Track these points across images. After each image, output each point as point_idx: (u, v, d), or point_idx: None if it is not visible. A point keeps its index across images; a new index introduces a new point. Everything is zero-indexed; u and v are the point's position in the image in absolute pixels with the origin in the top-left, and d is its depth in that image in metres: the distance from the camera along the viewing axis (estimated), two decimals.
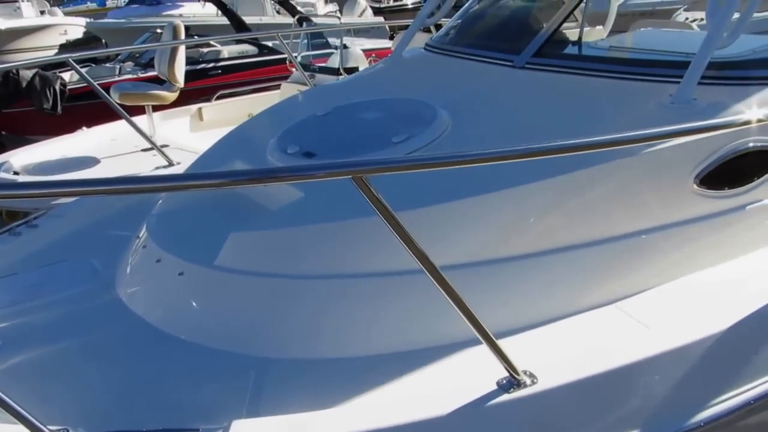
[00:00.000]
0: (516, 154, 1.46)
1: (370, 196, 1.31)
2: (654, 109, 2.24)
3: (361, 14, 14.63)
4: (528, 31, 2.96)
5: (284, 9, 10.84)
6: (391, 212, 1.34)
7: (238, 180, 1.34)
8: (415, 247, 1.39)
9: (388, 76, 3.26)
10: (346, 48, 6.33)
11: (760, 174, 2.25)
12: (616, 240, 2.03)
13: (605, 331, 1.86)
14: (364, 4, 15.62)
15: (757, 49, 2.67)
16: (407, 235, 1.37)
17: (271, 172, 1.48)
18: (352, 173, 1.27)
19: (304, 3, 15.54)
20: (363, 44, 8.11)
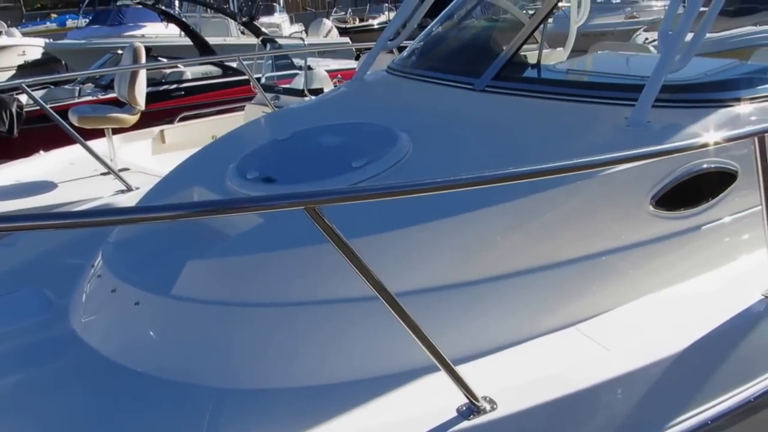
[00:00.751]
0: (469, 182, 1.46)
1: (323, 226, 1.31)
2: (610, 132, 2.27)
3: (326, 34, 14.71)
4: (488, 54, 2.99)
5: (248, 30, 10.84)
6: (344, 241, 1.34)
7: (188, 213, 1.32)
8: (370, 275, 1.38)
9: (350, 100, 3.26)
10: (311, 69, 6.33)
11: (714, 194, 2.29)
12: (575, 262, 2.04)
13: (565, 354, 1.86)
14: (330, 24, 15.72)
15: (709, 72, 2.74)
16: (361, 263, 1.36)
17: (220, 205, 1.47)
18: (304, 204, 1.26)
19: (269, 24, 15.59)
20: (328, 65, 8.13)
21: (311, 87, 6.09)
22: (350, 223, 1.88)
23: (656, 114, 2.30)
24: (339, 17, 22.99)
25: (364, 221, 1.90)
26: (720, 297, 2.06)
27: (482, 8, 3.84)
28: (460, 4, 3.70)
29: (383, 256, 1.86)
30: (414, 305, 1.78)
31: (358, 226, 1.89)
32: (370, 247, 1.88)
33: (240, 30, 11.87)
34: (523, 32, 3.02)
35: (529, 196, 1.99)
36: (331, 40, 13.68)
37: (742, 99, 2.47)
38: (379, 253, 1.86)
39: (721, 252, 2.29)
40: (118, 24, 13.73)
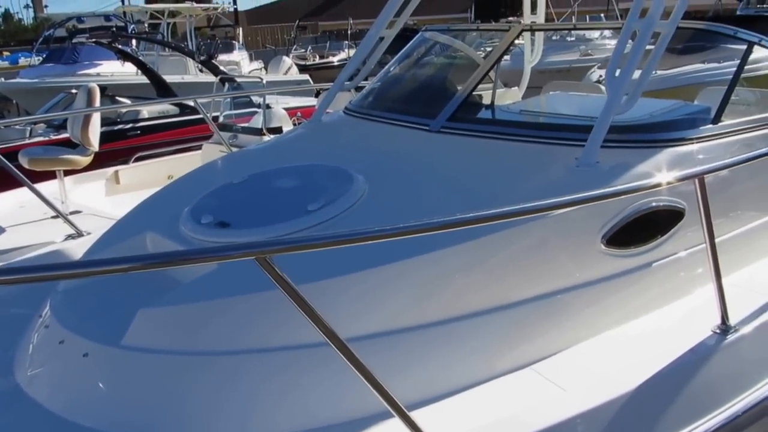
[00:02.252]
0: (418, 229, 1.47)
1: (274, 275, 1.31)
2: (560, 173, 2.32)
3: (286, 72, 14.78)
4: (444, 95, 3.04)
5: (207, 69, 10.82)
6: (295, 289, 1.33)
7: (133, 266, 1.29)
8: (321, 322, 1.37)
9: (306, 141, 3.27)
10: (269, 108, 6.33)
11: (663, 232, 2.35)
12: (529, 302, 2.06)
13: (522, 395, 1.86)
14: (290, 62, 15.81)
15: (655, 112, 2.83)
16: (312, 310, 1.36)
17: (168, 257, 1.44)
18: (254, 255, 1.26)
19: (228, 61, 15.60)
20: (288, 102, 8.14)
21: (270, 126, 6.08)
22: (304, 267, 1.88)
23: (605, 154, 2.36)
24: (299, 54, 23.13)
25: (318, 265, 1.89)
26: (672, 333, 2.10)
27: (439, 49, 3.91)
28: (416, 45, 3.77)
29: (337, 301, 1.85)
30: (369, 350, 1.76)
31: (312, 271, 1.88)
32: (324, 292, 1.87)
33: (198, 68, 11.84)
34: (477, 73, 3.08)
35: (482, 237, 2.00)
36: (291, 77, 13.76)
37: (686, 139, 2.55)
38: (332, 298, 1.85)
39: (672, 288, 2.34)
40: (72, 62, 13.51)
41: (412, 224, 1.45)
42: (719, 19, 12.78)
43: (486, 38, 4.38)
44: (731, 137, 2.69)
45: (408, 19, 3.67)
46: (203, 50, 11.85)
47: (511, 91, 4.54)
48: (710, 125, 2.68)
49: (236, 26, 23.64)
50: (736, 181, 2.64)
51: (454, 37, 3.80)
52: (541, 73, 8.00)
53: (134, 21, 18.23)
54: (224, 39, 21.19)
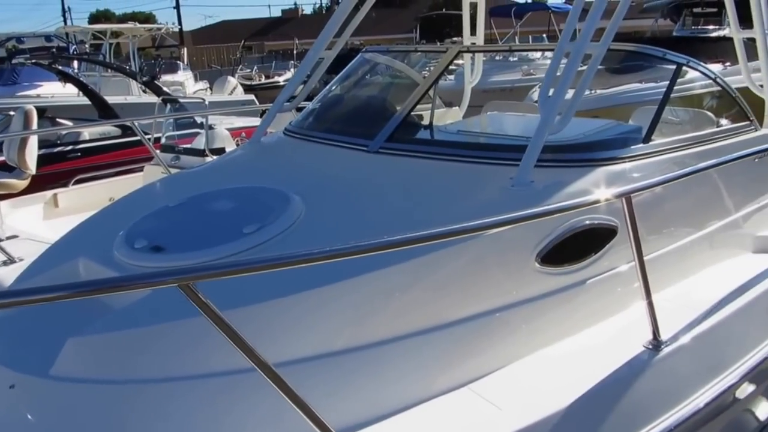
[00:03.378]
0: (347, 252, 1.47)
1: (197, 302, 1.29)
2: (495, 192, 2.36)
3: (231, 92, 14.63)
4: (383, 116, 3.06)
5: (150, 89, 10.63)
6: (220, 316, 1.31)
7: (51, 297, 1.25)
8: (248, 348, 1.35)
9: (245, 163, 3.24)
10: (212, 128, 6.26)
11: (597, 249, 2.40)
12: (466, 321, 2.08)
13: (458, 415, 1.87)
14: (235, 82, 15.67)
15: (588, 132, 2.91)
16: (239, 336, 1.34)
17: (90, 286, 1.40)
18: (177, 282, 1.23)
19: (172, 82, 15.37)
20: (232, 123, 8.05)
21: (213, 147, 6.01)
22: (236, 292, 1.85)
23: (540, 173, 2.41)
24: (245, 74, 23.00)
25: (251, 289, 1.87)
26: (606, 349, 2.14)
27: (379, 70, 3.94)
28: (356, 66, 3.79)
29: (269, 326, 1.83)
30: (303, 374, 1.76)
31: (244, 295, 1.86)
32: (255, 316, 1.84)
33: (142, 89, 11.62)
34: (415, 94, 3.12)
35: (417, 258, 2.01)
36: (236, 97, 13.62)
37: (618, 158, 2.63)
38: (265, 323, 1.83)
39: (606, 305, 2.39)
40: (12, 83, 13.05)
41: (340, 247, 1.45)
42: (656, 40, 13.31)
43: (431, 58, 4.44)
44: (662, 156, 2.78)
45: (354, 39, 3.70)
46: (146, 71, 11.62)
47: (452, 111, 4.61)
48: (641, 144, 2.76)
49: (181, 46, 23.36)
50: (669, 198, 2.73)
51: (394, 57, 3.84)
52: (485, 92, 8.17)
53: (76, 41, 17.83)
54: (169, 59, 20.89)
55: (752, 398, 2.74)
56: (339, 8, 3.61)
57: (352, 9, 3.59)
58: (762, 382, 2.65)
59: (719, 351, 2.33)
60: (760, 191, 3.16)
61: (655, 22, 17.88)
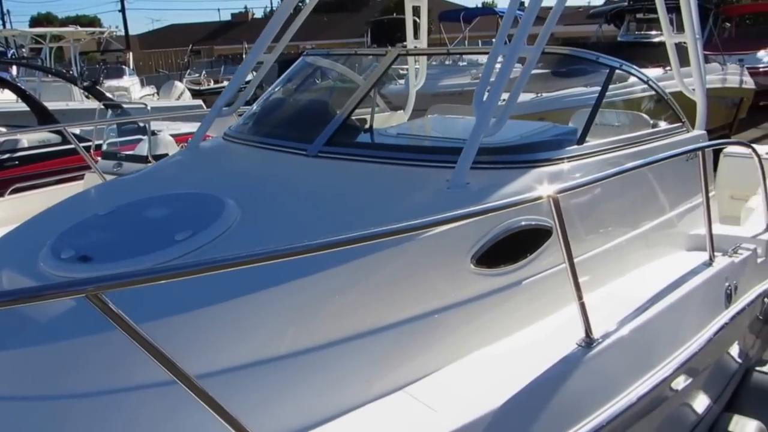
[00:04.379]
0: (276, 255, 1.44)
1: (108, 312, 1.24)
2: (432, 195, 2.36)
3: (179, 97, 14.38)
4: (323, 120, 3.04)
5: (91, 94, 10.34)
6: (133, 327, 1.26)
7: None
8: (166, 359, 1.30)
9: (182, 169, 3.17)
10: (155, 134, 6.13)
11: (532, 250, 2.42)
12: (402, 325, 2.06)
13: (392, 419, 1.85)
14: (182, 87, 15.42)
15: (524, 134, 2.95)
16: (156, 348, 1.28)
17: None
18: (85, 292, 1.18)
19: (117, 87, 15.00)
20: (179, 128, 7.89)
21: (156, 153, 5.89)
22: (164, 301, 1.79)
23: (475, 175, 2.42)
24: (193, 79, 22.59)
25: (180, 298, 1.82)
26: (541, 349, 2.15)
27: (320, 74, 3.91)
28: (297, 70, 3.76)
29: (198, 335, 1.78)
30: (237, 383, 1.71)
31: (171, 304, 1.81)
32: (183, 326, 1.80)
33: (84, 94, 11.31)
34: (354, 97, 3.11)
35: (350, 262, 1.99)
36: (184, 102, 13.39)
37: (552, 159, 2.66)
38: (193, 332, 1.78)
39: (543, 305, 2.40)
40: None
41: (266, 250, 1.42)
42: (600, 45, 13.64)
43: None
44: (596, 157, 2.82)
45: (306, 44, 3.67)
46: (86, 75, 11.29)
47: (397, 115, 4.61)
48: (576, 146, 2.80)
49: (127, 51, 22.81)
50: (605, 198, 2.77)
51: (335, 61, 3.82)
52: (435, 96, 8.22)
53: (16, 46, 17.26)
54: (115, 64, 20.37)
55: (689, 392, 2.81)
56: (277, 12, 3.57)
57: (292, 12, 3.56)
58: (697, 375, 2.72)
59: (652, 346, 2.38)
60: (693, 191, 3.25)
61: (599, 28, 18.30)
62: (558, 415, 1.97)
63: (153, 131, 6.13)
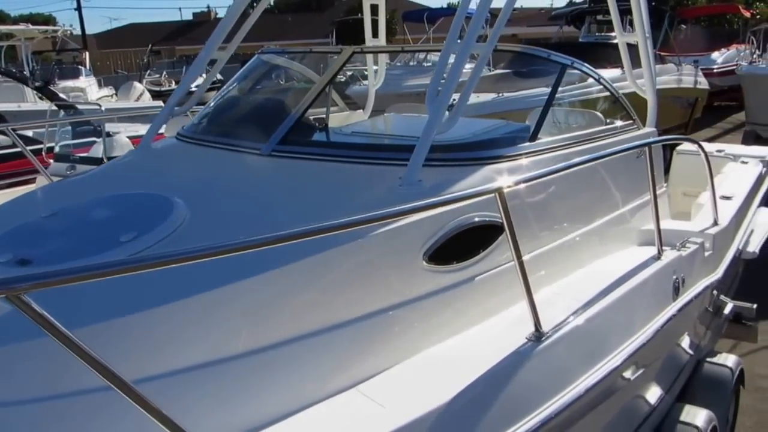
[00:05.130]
0: (211, 252, 1.40)
1: (31, 314, 1.18)
2: (384, 192, 2.35)
3: (138, 98, 14.09)
4: (277, 119, 3.00)
5: (44, 95, 10.07)
6: (60, 329, 1.21)
7: None
8: (96, 362, 1.25)
9: (132, 169, 3.10)
10: (110, 135, 6.00)
11: (485, 246, 2.43)
12: (355, 323, 2.05)
13: (341, 417, 1.84)
14: (141, 88, 15.12)
15: (477, 132, 2.96)
16: (84, 350, 1.24)
17: None
18: (3, 293, 1.13)
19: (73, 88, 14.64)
20: (137, 130, 7.73)
21: (112, 155, 5.76)
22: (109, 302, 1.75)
23: (428, 173, 2.42)
24: (153, 80, 22.16)
25: (126, 299, 1.77)
26: (493, 344, 2.15)
27: (276, 72, 3.88)
28: (252, 68, 3.72)
29: (145, 337, 1.74)
30: (184, 386, 1.67)
31: (117, 306, 1.76)
32: (129, 328, 1.75)
33: (38, 95, 11.01)
34: (308, 96, 3.08)
35: (302, 260, 1.98)
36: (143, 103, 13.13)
37: (505, 156, 2.68)
38: (141, 334, 1.74)
39: (497, 300, 2.41)
40: None
41: (200, 247, 1.38)
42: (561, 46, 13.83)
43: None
44: (548, 154, 2.85)
45: (271, 44, 3.64)
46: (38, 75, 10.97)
47: (356, 114, 4.60)
48: (528, 143, 2.83)
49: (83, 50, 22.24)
50: (558, 195, 2.80)
51: (291, 59, 3.78)
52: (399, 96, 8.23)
53: None
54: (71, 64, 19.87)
55: (642, 383, 2.85)
56: (230, 9, 3.53)
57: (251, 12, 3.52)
58: (648, 366, 2.76)
59: (602, 338, 2.40)
60: (644, 187, 3.31)
61: (559, 29, 18.56)
62: (507, 408, 1.97)
63: (109, 133, 6.00)
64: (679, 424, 3.09)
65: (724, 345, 4.62)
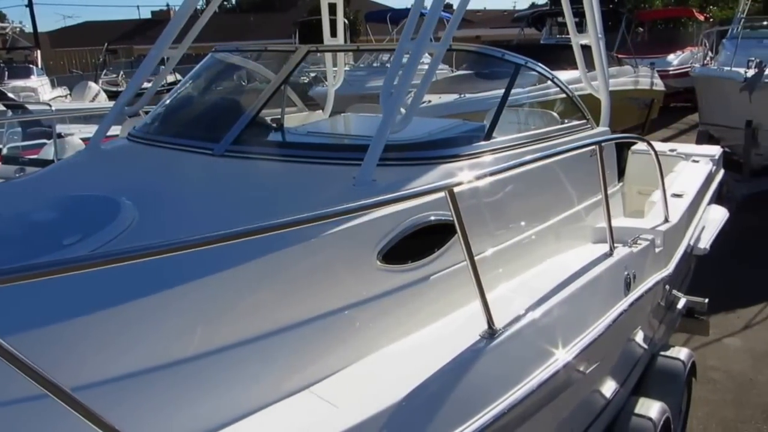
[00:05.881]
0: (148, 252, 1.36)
1: None
2: (338, 192, 2.33)
3: (93, 98, 13.74)
4: (230, 119, 2.96)
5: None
6: None
7: None
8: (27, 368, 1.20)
9: (79, 171, 3.02)
10: (62, 137, 5.84)
11: (440, 245, 2.43)
12: (310, 323, 2.03)
13: (293, 419, 1.82)
14: (97, 88, 14.74)
15: (433, 131, 2.96)
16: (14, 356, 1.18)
17: None
18: None
19: (23, 87, 14.21)
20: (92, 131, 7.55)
21: (63, 157, 5.60)
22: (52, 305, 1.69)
23: (383, 172, 2.41)
24: (110, 80, 21.63)
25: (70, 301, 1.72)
26: (448, 342, 2.15)
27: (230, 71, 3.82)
28: (205, 67, 3.65)
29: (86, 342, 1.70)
30: (130, 390, 1.66)
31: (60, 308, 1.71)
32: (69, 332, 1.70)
33: None
34: (263, 95, 3.04)
35: (254, 260, 1.95)
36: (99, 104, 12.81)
37: (460, 155, 2.69)
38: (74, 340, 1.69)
39: (452, 299, 2.41)
40: None
41: (141, 246, 1.35)
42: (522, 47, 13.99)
43: (310, 63, 4.26)
44: (503, 153, 2.86)
45: (233, 44, 3.59)
46: None
47: (315, 114, 4.56)
48: (483, 142, 2.84)
49: (35, 48, 21.57)
50: (514, 193, 2.82)
51: (246, 57, 3.73)
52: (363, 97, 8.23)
53: None
54: (22, 63, 19.27)
55: (597, 378, 2.89)
56: (181, 7, 3.47)
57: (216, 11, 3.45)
58: (602, 360, 2.80)
59: (555, 334, 2.42)
60: (599, 186, 3.36)
61: (521, 31, 18.78)
62: (460, 405, 1.97)
63: (60, 134, 5.84)
64: (634, 416, 3.14)
65: (678, 339, 4.74)
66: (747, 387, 4.57)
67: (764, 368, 4.81)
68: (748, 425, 4.13)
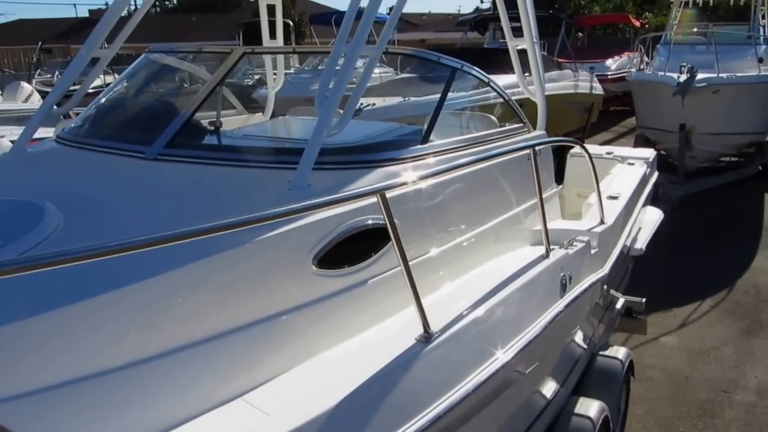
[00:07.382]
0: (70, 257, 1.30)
1: None
2: (273, 196, 2.29)
3: (26, 99, 13.17)
4: (164, 121, 2.87)
5: None
6: None
7: None
8: None
9: (3, 174, 2.88)
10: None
11: (377, 249, 2.41)
12: (244, 330, 1.98)
13: (226, 427, 1.78)
14: (30, 88, 14.11)
15: (371, 135, 2.94)
16: None
17: None
18: None
19: None
20: None
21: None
22: None
23: (319, 176, 2.38)
24: (44, 80, 20.82)
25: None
26: (384, 347, 2.13)
27: (164, 72, 3.71)
28: (138, 67, 3.54)
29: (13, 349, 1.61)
30: (53, 401, 1.60)
31: None
32: None
33: None
34: (197, 97, 2.97)
35: (184, 266, 1.89)
36: (32, 105, 12.31)
37: (396, 159, 2.67)
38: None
39: (390, 303, 2.39)
40: None
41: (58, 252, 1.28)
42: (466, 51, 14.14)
43: (254, 65, 4.16)
44: (440, 156, 2.86)
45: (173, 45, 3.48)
46: None
47: (255, 117, 4.49)
48: (420, 145, 2.83)
49: None
50: (452, 197, 2.82)
51: (181, 58, 3.64)
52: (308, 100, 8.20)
53: None
54: None
55: (537, 378, 2.93)
56: (112, 5, 3.35)
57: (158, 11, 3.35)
58: (541, 361, 2.83)
59: (492, 336, 2.43)
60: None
61: (464, 35, 18.98)
62: (397, 409, 1.95)
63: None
64: (574, 416, 3.19)
65: (618, 338, 4.85)
66: (683, 384, 4.71)
67: (699, 365, 4.97)
68: (685, 422, 4.26)
